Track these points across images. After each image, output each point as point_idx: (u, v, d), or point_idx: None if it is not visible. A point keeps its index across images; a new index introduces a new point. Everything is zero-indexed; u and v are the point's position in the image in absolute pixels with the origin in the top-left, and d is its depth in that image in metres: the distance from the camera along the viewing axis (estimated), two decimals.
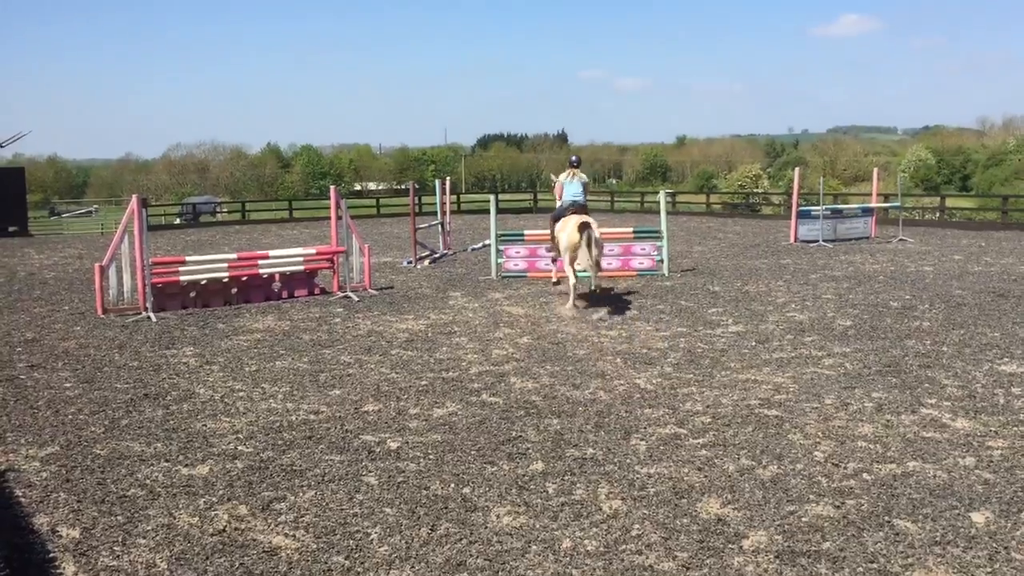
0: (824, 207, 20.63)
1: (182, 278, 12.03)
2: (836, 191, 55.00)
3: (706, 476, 5.36)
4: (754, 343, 9.19)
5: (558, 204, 12.62)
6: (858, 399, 7.00)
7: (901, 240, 20.34)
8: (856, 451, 5.77)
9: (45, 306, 12.58)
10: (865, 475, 5.33)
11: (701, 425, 6.40)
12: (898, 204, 22.80)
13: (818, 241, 19.85)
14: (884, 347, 8.88)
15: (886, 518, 4.68)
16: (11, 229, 27.90)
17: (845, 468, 5.45)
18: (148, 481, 5.43)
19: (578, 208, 12.14)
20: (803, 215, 20.40)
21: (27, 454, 5.98)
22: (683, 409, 6.81)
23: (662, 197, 16.41)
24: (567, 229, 11.56)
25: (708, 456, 5.72)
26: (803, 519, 4.69)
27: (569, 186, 12.53)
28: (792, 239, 20.22)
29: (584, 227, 11.24)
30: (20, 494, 5.23)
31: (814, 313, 10.86)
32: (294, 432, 6.39)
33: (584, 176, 12.75)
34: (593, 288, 12.39)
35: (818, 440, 6.01)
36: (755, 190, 58.97)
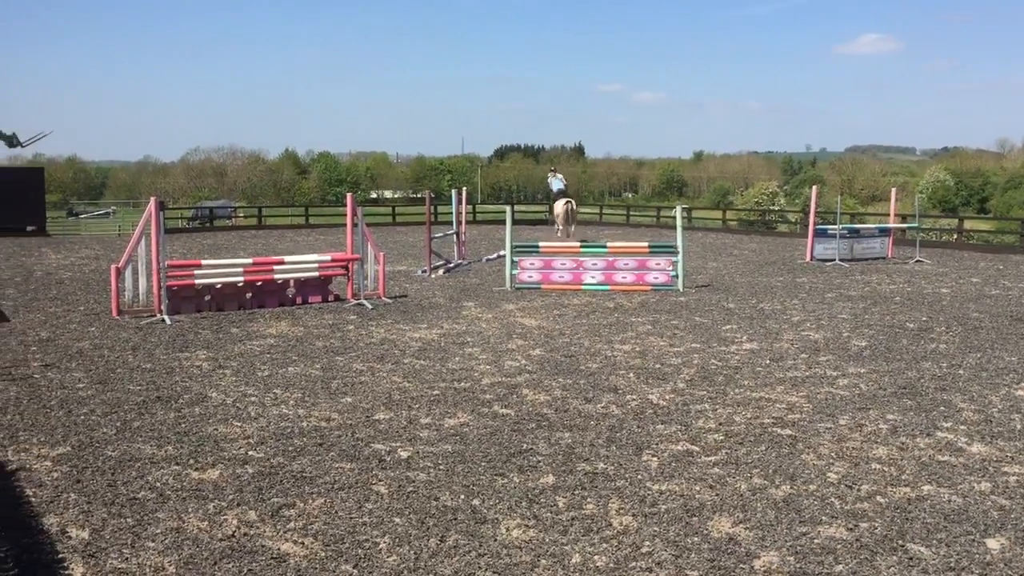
0: (841, 226, 20.54)
1: (197, 281, 12.07)
2: (853, 210, 54.75)
3: (718, 494, 5.32)
4: (768, 361, 9.14)
5: (554, 191, 24.21)
6: (873, 421, 6.94)
7: (918, 261, 20.22)
8: (870, 473, 5.72)
9: (61, 306, 12.64)
10: (879, 498, 5.27)
11: (713, 442, 6.35)
12: (916, 225, 22.67)
13: (834, 260, 19.75)
14: (900, 369, 8.81)
15: (900, 542, 4.63)
16: (29, 228, 28.09)
17: (859, 490, 5.40)
18: (158, 484, 5.43)
19: (565, 192, 23.82)
20: (820, 233, 20.30)
21: (39, 453, 5.99)
22: (696, 426, 6.77)
23: (678, 212, 16.37)
24: (560, 203, 22.92)
25: (720, 474, 5.68)
26: (815, 541, 4.64)
27: (555, 182, 24.22)
28: (808, 257, 20.13)
29: (568, 202, 22.85)
30: (30, 493, 5.24)
31: (829, 332, 10.80)
32: (305, 439, 6.39)
33: (561, 175, 24.62)
34: (567, 236, 21.95)
35: (832, 461, 5.96)
36: (771, 207, 58.75)
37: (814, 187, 22.77)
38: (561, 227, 22.96)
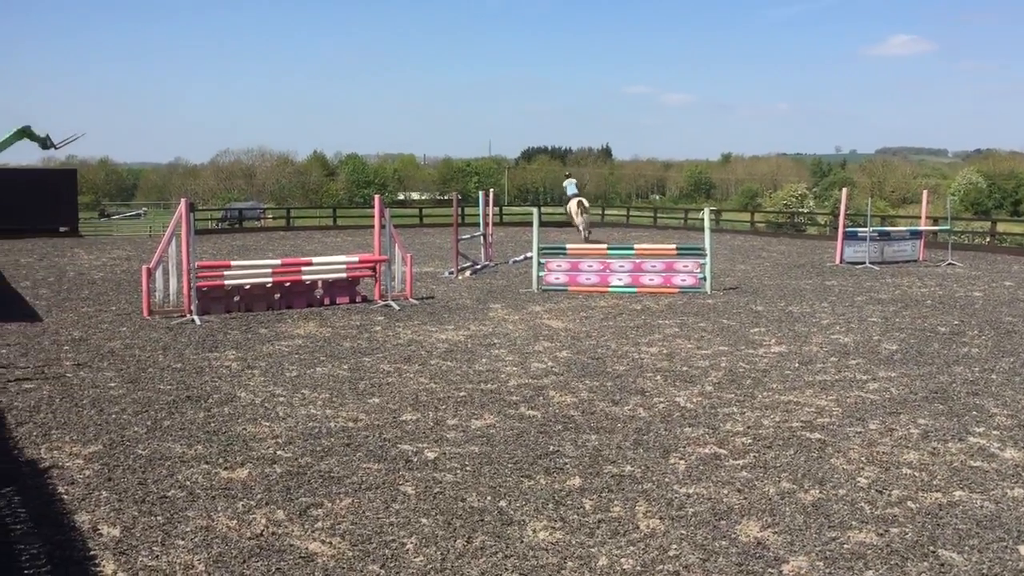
0: (871, 229, 20.35)
1: (227, 282, 12.17)
2: (884, 213, 54.21)
3: (746, 498, 5.28)
4: (797, 364, 9.07)
5: (568, 195, 26.70)
6: (903, 425, 6.87)
7: (950, 264, 19.99)
8: (901, 478, 5.66)
9: (93, 306, 12.79)
10: (910, 503, 5.22)
11: (741, 446, 6.31)
12: (947, 227, 22.43)
13: (864, 263, 19.57)
14: (931, 373, 8.71)
15: (931, 548, 4.57)
16: (62, 229, 28.45)
17: (889, 495, 5.35)
18: (188, 483, 5.48)
19: (578, 195, 26.27)
20: (849, 236, 20.12)
21: (71, 451, 6.07)
22: (723, 429, 6.73)
23: (706, 214, 16.28)
24: (572, 204, 25.75)
25: (748, 478, 5.64)
26: (845, 546, 4.60)
27: (569, 186, 27.19)
28: (838, 260, 19.96)
29: (580, 203, 25.50)
30: (63, 491, 5.31)
31: (859, 336, 10.70)
32: (332, 439, 6.42)
33: (575, 179, 27.87)
34: (585, 236, 24.78)
35: (862, 465, 5.90)
36: (800, 209, 58.33)
37: (844, 189, 22.58)
38: (581, 226, 25.68)
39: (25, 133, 36.35)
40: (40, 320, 11.50)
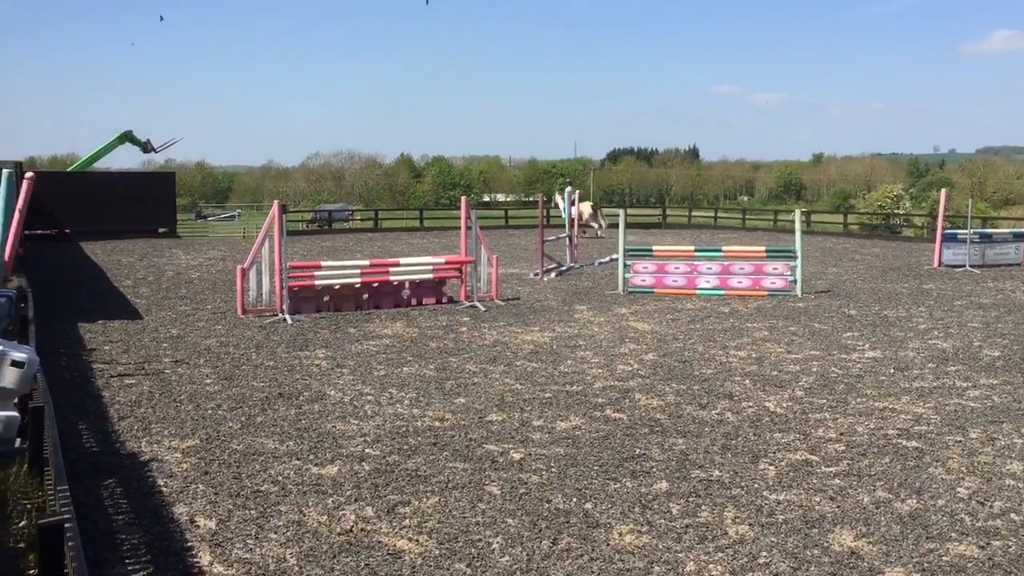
0: (972, 231, 19.62)
1: (317, 282, 12.42)
2: (985, 214, 52.20)
3: (839, 506, 5.15)
4: (893, 370, 8.80)
5: (564, 204, 24.42)
6: (1006, 434, 6.60)
7: None
8: (1003, 489, 5.44)
9: (190, 305, 13.20)
10: (1013, 515, 5.01)
11: (834, 453, 6.16)
12: None
13: (964, 266, 18.89)
14: None
15: None
16: (161, 230, 29.44)
17: (991, 507, 5.14)
18: (280, 478, 5.61)
19: (581, 198, 25.26)
20: (948, 238, 19.44)
21: (169, 445, 6.27)
22: (815, 435, 6.57)
23: (797, 216, 15.93)
24: (586, 206, 27.48)
25: (841, 486, 5.50)
26: (944, 558, 4.44)
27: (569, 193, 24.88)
28: (936, 263, 19.31)
29: (596, 207, 28.32)
30: (162, 483, 5.49)
31: (959, 341, 10.32)
32: (419, 438, 6.49)
33: (569, 188, 24.95)
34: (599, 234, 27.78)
35: (962, 475, 5.69)
36: (896, 211, 56.60)
37: (943, 190, 21.82)
38: (597, 225, 28.06)
39: (127, 138, 37.87)
40: (140, 318, 11.93)
